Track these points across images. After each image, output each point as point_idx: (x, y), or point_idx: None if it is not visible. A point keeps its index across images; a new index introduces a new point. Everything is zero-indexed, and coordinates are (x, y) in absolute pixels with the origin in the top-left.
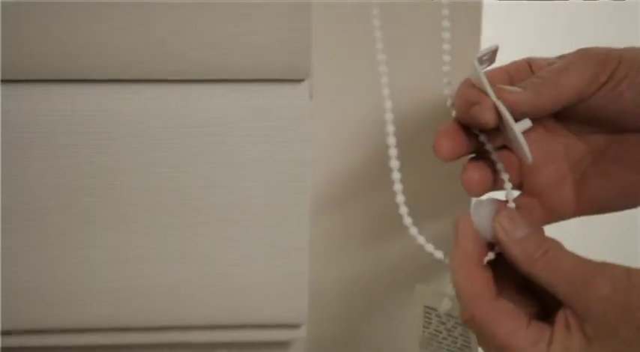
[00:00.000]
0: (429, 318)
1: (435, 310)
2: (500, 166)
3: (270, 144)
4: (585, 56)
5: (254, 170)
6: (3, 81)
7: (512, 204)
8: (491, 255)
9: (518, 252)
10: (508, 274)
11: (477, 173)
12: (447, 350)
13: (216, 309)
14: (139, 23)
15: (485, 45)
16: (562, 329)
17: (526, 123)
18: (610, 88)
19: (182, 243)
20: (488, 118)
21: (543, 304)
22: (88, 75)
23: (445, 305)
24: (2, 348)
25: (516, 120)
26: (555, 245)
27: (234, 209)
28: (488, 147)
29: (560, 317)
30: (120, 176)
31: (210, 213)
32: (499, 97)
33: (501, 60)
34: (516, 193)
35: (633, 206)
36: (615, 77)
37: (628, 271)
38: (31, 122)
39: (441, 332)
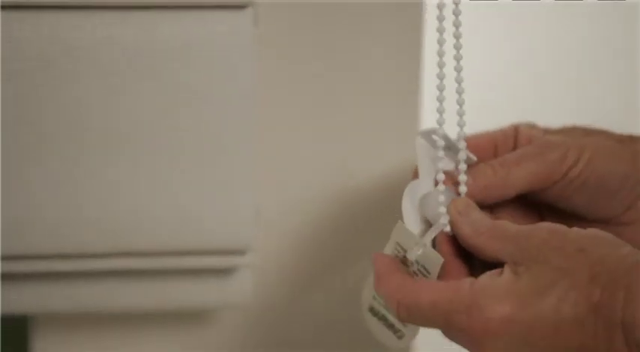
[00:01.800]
0: (396, 255)
1: (405, 251)
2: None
3: (214, 71)
4: (544, 149)
5: (197, 98)
6: None
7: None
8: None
9: (468, 229)
10: None
11: None
12: None
13: (161, 236)
14: None
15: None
16: (488, 274)
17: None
18: (562, 187)
19: (127, 171)
20: None
21: None
22: (27, 2)
23: (414, 251)
24: None
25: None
26: (504, 222)
27: (178, 137)
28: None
29: (492, 271)
30: (64, 101)
31: (154, 140)
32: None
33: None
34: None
35: None
36: (568, 177)
37: (569, 227)
38: None
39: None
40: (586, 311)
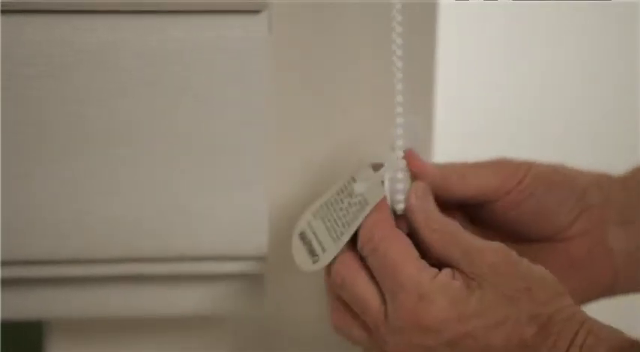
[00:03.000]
0: (346, 188)
1: (354, 181)
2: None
3: (226, 76)
4: (499, 164)
5: (210, 102)
6: None
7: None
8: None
9: (422, 218)
10: None
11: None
12: (336, 216)
13: (174, 241)
14: None
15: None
16: (447, 274)
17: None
18: (512, 197)
19: (139, 174)
20: None
21: None
22: (38, 6)
23: (359, 186)
24: None
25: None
26: (455, 224)
27: (189, 140)
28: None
29: (448, 269)
30: (73, 105)
31: (166, 144)
32: (411, 160)
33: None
34: None
35: None
36: (519, 187)
37: (521, 257)
38: None
39: (342, 202)
40: (515, 346)
